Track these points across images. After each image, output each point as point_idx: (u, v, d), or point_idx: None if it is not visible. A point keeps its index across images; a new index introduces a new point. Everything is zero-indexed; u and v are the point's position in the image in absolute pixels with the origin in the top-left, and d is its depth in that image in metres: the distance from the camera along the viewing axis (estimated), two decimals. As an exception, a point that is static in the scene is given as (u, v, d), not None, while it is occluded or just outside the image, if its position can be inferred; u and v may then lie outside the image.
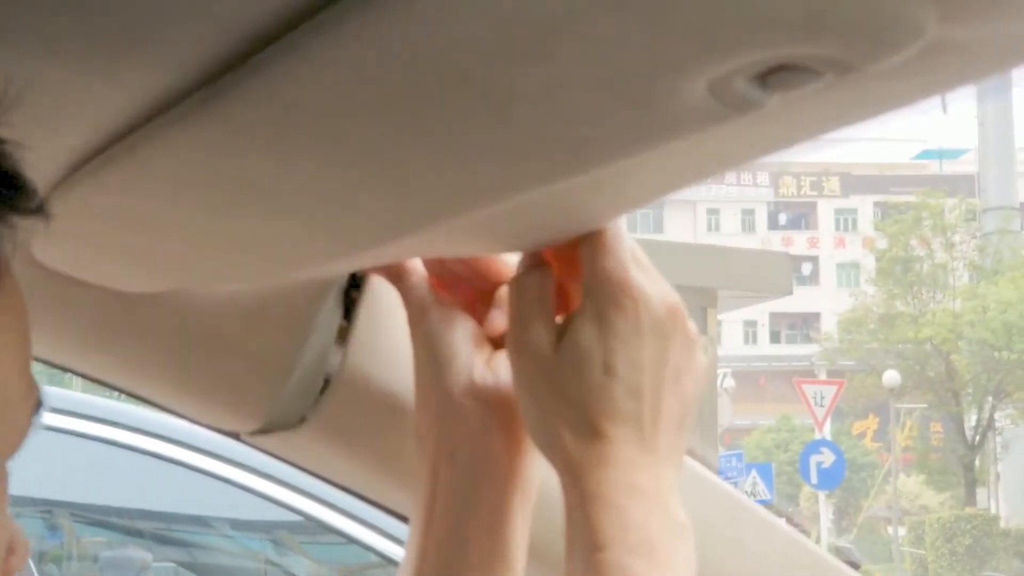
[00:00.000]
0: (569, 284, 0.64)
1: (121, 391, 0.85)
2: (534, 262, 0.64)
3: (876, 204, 35.81)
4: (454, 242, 0.62)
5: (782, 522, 0.91)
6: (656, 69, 0.38)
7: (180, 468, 2.72)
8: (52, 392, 2.80)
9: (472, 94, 0.41)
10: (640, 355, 0.60)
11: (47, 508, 2.89)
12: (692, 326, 0.64)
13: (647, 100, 0.40)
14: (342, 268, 0.70)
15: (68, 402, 2.77)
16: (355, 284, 0.73)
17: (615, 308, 0.60)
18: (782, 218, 38.02)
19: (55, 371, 0.85)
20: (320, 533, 2.77)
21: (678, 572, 0.58)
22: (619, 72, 0.38)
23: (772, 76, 0.37)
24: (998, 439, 23.99)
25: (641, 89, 0.39)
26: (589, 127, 0.43)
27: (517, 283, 0.64)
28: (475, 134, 0.44)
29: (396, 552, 1.51)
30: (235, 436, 0.80)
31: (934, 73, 0.40)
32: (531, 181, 0.48)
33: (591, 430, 0.59)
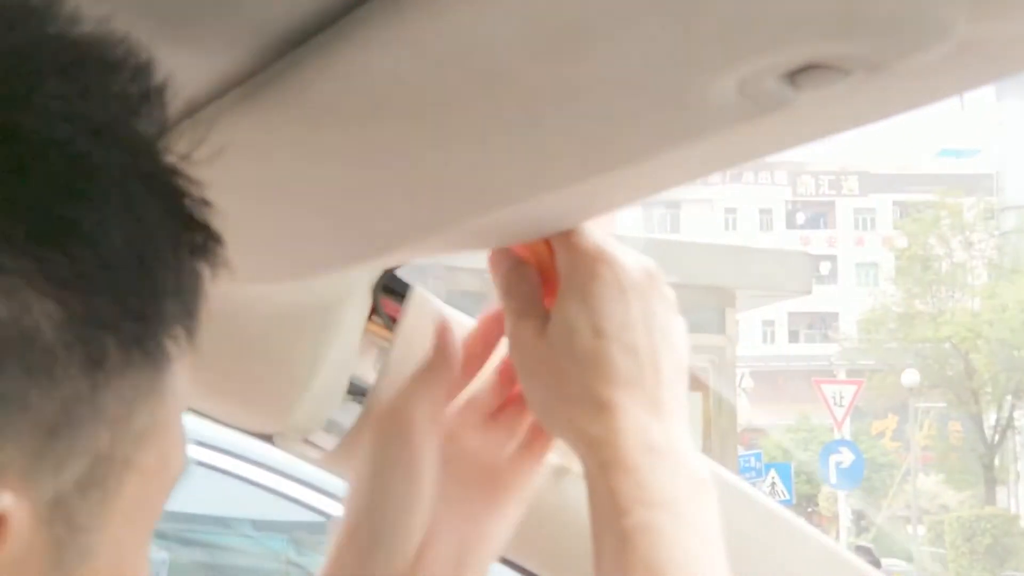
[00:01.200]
0: (549, 275, 0.64)
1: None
2: (511, 260, 0.65)
3: (895, 203, 35.61)
4: (477, 239, 0.63)
5: (803, 522, 0.90)
6: (687, 68, 0.38)
7: (201, 468, 2.73)
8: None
9: (501, 94, 0.41)
10: (627, 315, 0.61)
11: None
12: (668, 288, 0.64)
13: (677, 99, 0.40)
14: (369, 267, 0.71)
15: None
16: (390, 290, 0.74)
17: (592, 277, 0.61)
18: (800, 217, 37.82)
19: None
20: (341, 533, 2.77)
21: (702, 527, 0.58)
22: (649, 71, 0.38)
23: (801, 74, 0.38)
24: (1018, 438, 23.83)
25: (671, 88, 0.39)
26: (618, 126, 0.43)
27: (505, 285, 0.64)
28: (504, 134, 0.45)
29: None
30: (267, 439, 0.80)
31: (962, 71, 0.40)
32: (560, 180, 0.48)
33: (596, 400, 0.59)
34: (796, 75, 0.38)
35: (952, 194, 25.44)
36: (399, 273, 0.74)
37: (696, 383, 7.90)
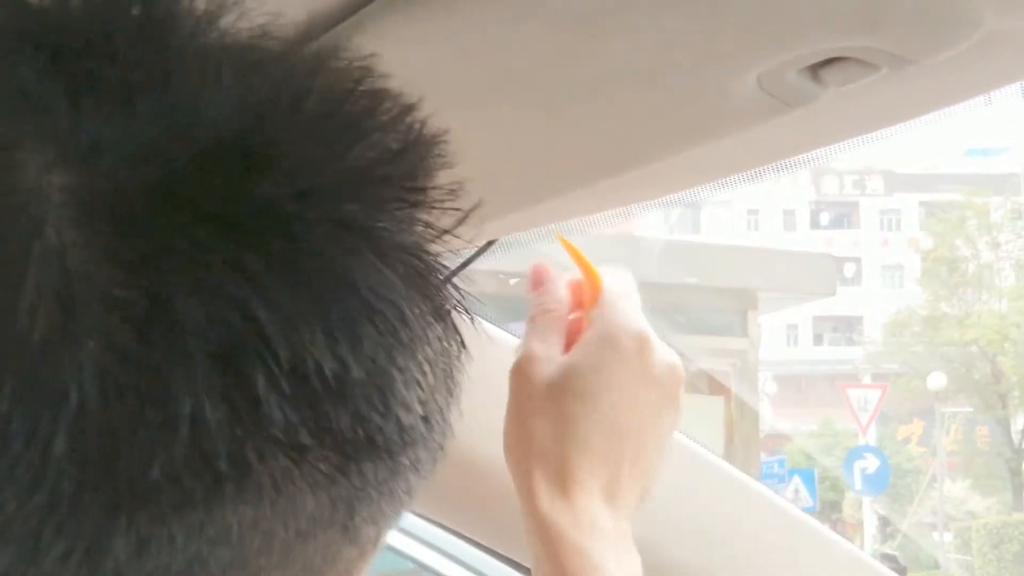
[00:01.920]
0: (577, 314, 0.62)
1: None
2: (550, 282, 0.62)
3: (921, 203, 35.45)
4: (495, 234, 0.62)
5: (827, 529, 0.89)
6: (706, 63, 0.37)
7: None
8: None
9: (517, 92, 0.40)
10: (633, 404, 0.59)
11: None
12: (683, 395, 0.62)
13: (696, 95, 0.39)
14: None
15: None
16: None
17: (619, 351, 0.59)
18: (824, 218, 37.65)
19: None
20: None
21: None
22: (668, 67, 0.38)
23: (825, 69, 0.37)
24: (1046, 443, 23.70)
25: (690, 84, 0.38)
26: (637, 124, 0.42)
27: (536, 307, 0.62)
28: (520, 133, 0.44)
29: (433, 559, 1.51)
30: None
31: (989, 67, 0.39)
32: (579, 180, 0.47)
33: (565, 471, 0.58)
34: (819, 69, 0.37)
35: (979, 194, 25.29)
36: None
37: (718, 387, 7.88)
